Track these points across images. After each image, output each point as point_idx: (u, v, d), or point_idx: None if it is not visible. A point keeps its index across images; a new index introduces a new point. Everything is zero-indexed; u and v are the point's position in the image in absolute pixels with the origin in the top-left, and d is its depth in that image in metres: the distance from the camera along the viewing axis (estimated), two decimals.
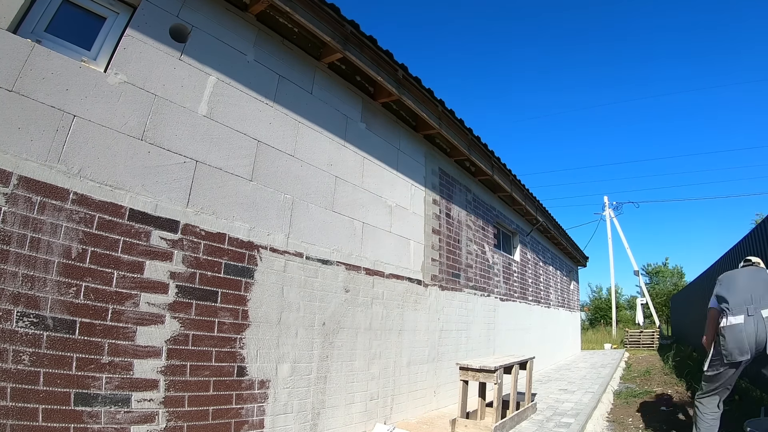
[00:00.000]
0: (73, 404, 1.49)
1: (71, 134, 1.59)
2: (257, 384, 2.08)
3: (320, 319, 2.49)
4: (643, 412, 3.97)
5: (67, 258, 1.52)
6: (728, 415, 3.63)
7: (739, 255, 5.25)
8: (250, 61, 2.31)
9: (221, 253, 2.02)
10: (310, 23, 2.35)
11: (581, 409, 3.67)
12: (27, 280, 1.43)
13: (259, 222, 2.22)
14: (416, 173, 3.67)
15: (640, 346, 12.92)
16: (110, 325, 1.61)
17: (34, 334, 1.43)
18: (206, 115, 2.05)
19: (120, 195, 1.70)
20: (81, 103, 1.63)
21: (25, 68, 1.50)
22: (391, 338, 3.05)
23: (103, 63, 1.75)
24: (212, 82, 2.09)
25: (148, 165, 1.80)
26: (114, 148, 1.70)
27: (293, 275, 2.35)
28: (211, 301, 1.95)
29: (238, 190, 2.14)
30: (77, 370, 1.51)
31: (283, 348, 2.24)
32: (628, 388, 5.35)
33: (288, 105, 2.49)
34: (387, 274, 3.10)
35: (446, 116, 3.70)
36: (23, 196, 1.45)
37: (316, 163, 2.62)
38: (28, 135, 1.49)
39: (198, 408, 1.84)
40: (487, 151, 4.53)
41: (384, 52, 2.88)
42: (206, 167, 2.02)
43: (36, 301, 1.45)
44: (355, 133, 2.99)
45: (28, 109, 1.50)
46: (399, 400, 3.07)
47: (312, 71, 2.71)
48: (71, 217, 1.55)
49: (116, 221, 1.67)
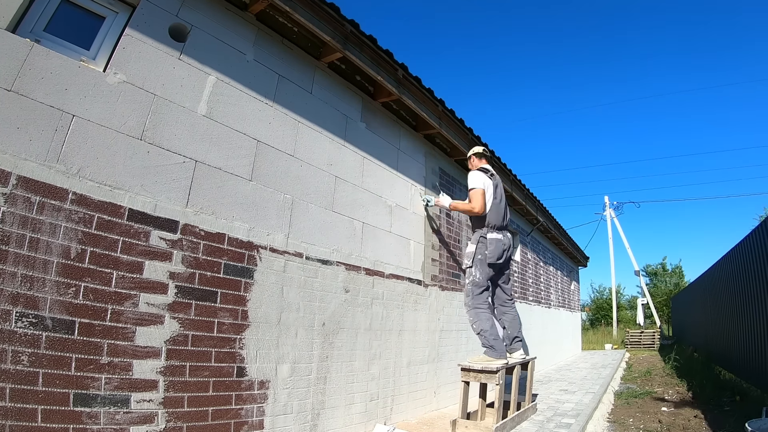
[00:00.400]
0: (72, 405, 1.48)
1: (70, 134, 1.58)
2: (257, 384, 2.08)
3: (320, 320, 2.48)
4: (644, 412, 3.96)
5: (66, 258, 1.52)
6: (729, 415, 3.63)
7: (741, 254, 5.23)
8: (250, 61, 2.30)
9: (221, 254, 2.01)
10: (309, 22, 2.35)
11: (582, 409, 3.66)
12: (26, 281, 1.43)
13: (259, 222, 2.21)
14: (416, 173, 3.67)
15: (640, 347, 12.91)
16: (109, 326, 1.60)
17: (33, 335, 1.42)
18: (206, 115, 2.04)
19: (119, 195, 1.69)
20: (80, 102, 1.62)
21: (24, 68, 1.50)
22: (391, 338, 3.05)
23: (103, 62, 1.75)
24: (212, 82, 2.09)
25: (147, 165, 1.79)
26: (113, 147, 1.70)
27: (293, 275, 2.34)
28: (211, 302, 1.94)
29: (237, 190, 2.13)
30: (76, 370, 1.50)
31: (283, 348, 2.23)
32: (628, 388, 5.34)
33: (288, 104, 2.48)
34: (387, 274, 3.09)
35: (446, 116, 3.69)
36: (22, 196, 1.45)
37: (315, 162, 2.61)
38: (27, 135, 1.48)
39: (197, 408, 1.83)
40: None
41: (384, 52, 2.88)
42: (206, 167, 2.01)
43: (35, 302, 1.44)
44: (355, 132, 2.99)
45: (27, 109, 1.49)
46: (399, 401, 3.07)
47: (312, 71, 2.70)
48: (70, 217, 1.55)
49: (115, 221, 1.67)
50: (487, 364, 2.94)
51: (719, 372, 5.97)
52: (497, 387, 2.84)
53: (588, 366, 7.41)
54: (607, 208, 19.55)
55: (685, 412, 3.89)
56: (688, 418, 3.66)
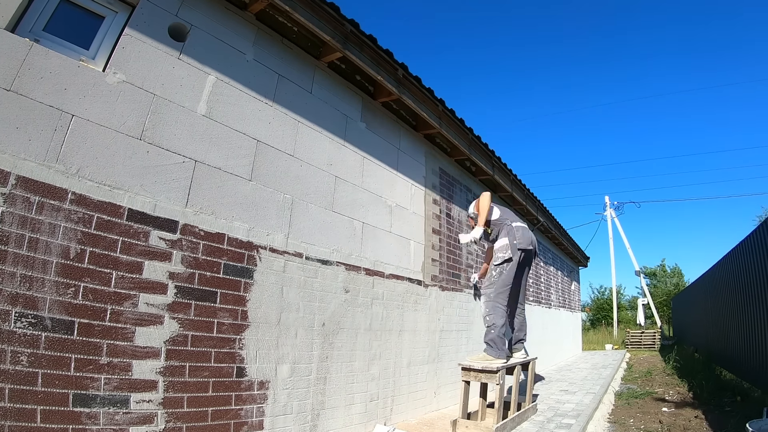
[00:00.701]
0: (72, 405, 1.48)
1: (69, 134, 1.58)
2: (257, 385, 2.07)
3: (320, 320, 2.48)
4: (644, 412, 3.95)
5: (65, 258, 1.52)
6: (730, 415, 3.62)
7: (742, 254, 5.23)
8: (250, 61, 2.30)
9: (220, 254, 2.01)
10: (309, 22, 2.34)
11: (582, 410, 3.66)
12: (25, 281, 1.42)
13: (259, 222, 2.21)
14: (416, 173, 3.66)
15: (641, 347, 12.89)
16: (109, 326, 1.60)
17: (33, 335, 1.42)
18: (205, 115, 2.04)
19: (119, 195, 1.69)
20: (79, 102, 1.62)
21: (23, 67, 1.49)
22: (391, 339, 3.04)
23: (102, 62, 1.74)
24: (211, 82, 2.08)
25: (146, 165, 1.79)
26: (112, 147, 1.69)
27: (293, 275, 2.34)
28: (211, 302, 1.94)
29: (237, 190, 2.13)
30: (76, 371, 1.50)
31: (283, 349, 2.23)
32: (629, 389, 5.33)
33: (287, 104, 2.48)
34: (387, 274, 3.09)
35: (446, 116, 3.68)
36: (21, 196, 1.44)
37: (315, 162, 2.61)
38: (26, 134, 1.48)
39: (197, 409, 1.83)
40: (488, 151, 4.52)
41: (384, 51, 2.87)
42: (205, 167, 2.01)
43: (34, 302, 1.44)
44: (355, 132, 2.98)
45: (26, 109, 1.49)
46: (399, 401, 3.06)
47: (312, 70, 2.70)
48: (69, 217, 1.54)
49: (115, 221, 1.66)
50: (487, 363, 2.94)
51: (720, 372, 5.97)
52: (498, 387, 2.83)
53: (588, 366, 7.40)
54: (607, 208, 19.54)
55: (685, 413, 3.88)
56: (689, 419, 3.65)
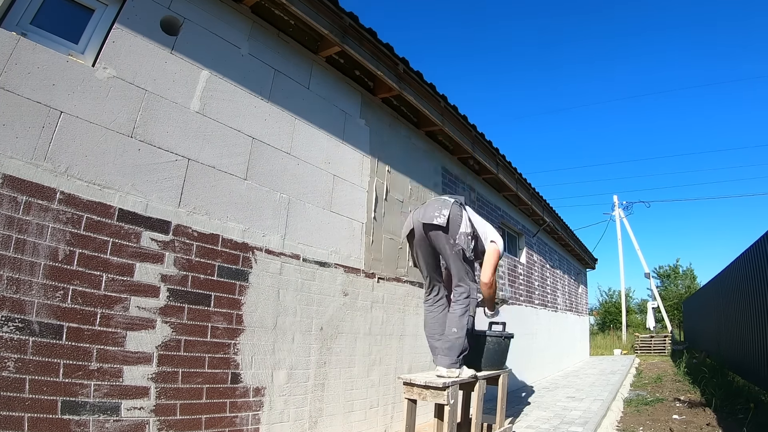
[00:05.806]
0: (61, 412, 1.43)
1: (58, 131, 1.53)
2: (252, 391, 2.01)
3: (318, 324, 2.41)
4: (654, 420, 3.83)
5: (53, 260, 1.47)
6: (743, 423, 3.49)
7: (755, 256, 5.07)
8: (245, 55, 2.24)
9: (214, 255, 1.95)
10: (306, 15, 2.28)
11: (590, 417, 3.55)
12: (12, 284, 1.38)
13: (254, 222, 2.15)
14: (417, 172, 3.58)
15: (651, 352, 12.65)
16: (99, 330, 1.55)
17: (20, 340, 1.38)
18: (199, 111, 1.98)
19: (109, 194, 1.64)
20: (68, 98, 1.57)
21: (9, 62, 1.45)
22: (391, 343, 2.97)
23: (91, 57, 1.69)
24: (205, 77, 2.03)
25: (138, 163, 1.74)
26: (103, 145, 1.64)
27: (289, 278, 2.27)
28: (204, 305, 1.88)
29: (232, 190, 2.07)
30: (64, 377, 1.45)
31: (279, 354, 2.16)
32: (638, 395, 5.19)
33: (284, 100, 2.41)
34: (388, 277, 3.01)
35: (449, 112, 3.60)
36: (8, 196, 1.40)
37: (313, 161, 2.54)
38: (12, 132, 1.44)
39: (190, 416, 1.77)
40: (492, 149, 4.42)
41: (384, 46, 2.80)
42: (199, 165, 1.95)
43: (21, 305, 1.39)
44: (353, 129, 2.91)
45: (13, 105, 1.45)
46: (400, 408, 2.98)
47: (309, 65, 2.63)
48: (58, 218, 1.50)
49: (105, 222, 1.62)
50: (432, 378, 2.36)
51: (733, 378, 5.81)
52: (447, 408, 2.26)
53: (596, 372, 7.25)
54: (616, 208, 19.20)
55: (697, 420, 3.76)
56: (701, 426, 3.53)
